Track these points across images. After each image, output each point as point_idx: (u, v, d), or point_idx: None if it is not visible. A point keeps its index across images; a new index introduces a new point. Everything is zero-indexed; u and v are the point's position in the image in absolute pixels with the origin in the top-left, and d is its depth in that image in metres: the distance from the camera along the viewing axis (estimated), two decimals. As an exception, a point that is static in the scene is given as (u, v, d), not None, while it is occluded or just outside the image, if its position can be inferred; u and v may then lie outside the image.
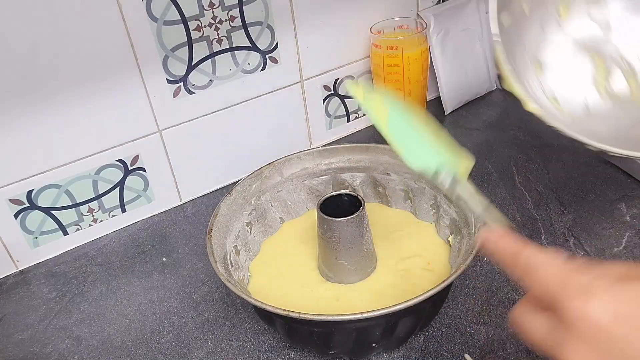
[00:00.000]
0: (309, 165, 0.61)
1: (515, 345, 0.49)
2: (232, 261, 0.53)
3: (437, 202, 0.57)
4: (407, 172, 0.58)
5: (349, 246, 0.50)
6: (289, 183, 0.61)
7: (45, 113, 0.60)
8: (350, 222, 0.49)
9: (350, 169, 0.61)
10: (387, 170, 0.59)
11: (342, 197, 0.52)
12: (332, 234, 0.50)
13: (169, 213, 0.73)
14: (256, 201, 0.58)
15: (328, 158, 0.61)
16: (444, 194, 0.55)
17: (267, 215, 0.60)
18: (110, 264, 0.66)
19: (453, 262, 0.52)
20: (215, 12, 0.64)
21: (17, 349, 0.56)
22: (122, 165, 0.67)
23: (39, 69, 0.58)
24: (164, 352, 0.54)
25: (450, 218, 0.55)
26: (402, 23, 0.75)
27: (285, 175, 0.60)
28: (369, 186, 0.61)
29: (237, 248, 0.55)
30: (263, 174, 0.59)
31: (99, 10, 0.58)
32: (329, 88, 0.78)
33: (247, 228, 0.58)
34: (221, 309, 0.58)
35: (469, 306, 0.54)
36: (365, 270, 0.53)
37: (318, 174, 0.61)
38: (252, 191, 0.58)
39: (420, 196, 0.58)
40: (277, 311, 0.43)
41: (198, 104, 0.69)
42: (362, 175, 0.61)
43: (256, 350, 0.53)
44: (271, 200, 0.60)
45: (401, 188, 0.60)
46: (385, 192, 0.61)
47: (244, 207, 0.57)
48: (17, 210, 0.63)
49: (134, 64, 0.62)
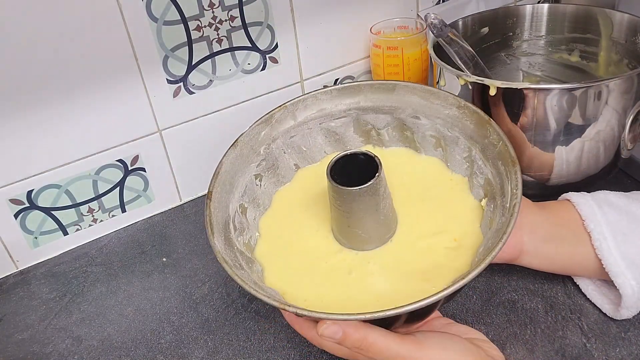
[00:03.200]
0: (326, 106, 0.54)
1: (515, 346, 0.49)
2: (237, 224, 0.48)
3: (471, 156, 0.50)
4: (439, 116, 0.52)
5: (362, 216, 0.44)
6: (304, 127, 0.53)
7: (45, 113, 0.60)
8: (364, 192, 0.43)
9: (374, 110, 0.54)
10: (417, 113, 0.52)
11: (358, 156, 0.45)
12: (343, 203, 0.44)
13: (169, 213, 0.73)
14: (265, 150, 0.52)
15: (349, 97, 0.54)
16: (480, 149, 0.49)
17: (279, 164, 0.53)
18: (110, 264, 0.66)
19: (484, 231, 0.46)
20: (215, 12, 0.64)
21: (17, 349, 0.56)
22: (122, 165, 0.67)
23: (39, 69, 0.58)
24: (164, 352, 0.54)
25: (485, 178, 0.48)
26: (402, 23, 0.75)
27: (300, 119, 0.53)
28: (396, 129, 0.54)
29: (244, 206, 0.50)
30: (273, 119, 0.52)
31: (99, 10, 0.58)
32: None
33: (255, 181, 0.51)
34: (221, 309, 0.58)
35: (469, 306, 0.54)
36: (382, 238, 0.47)
37: (337, 115, 0.54)
38: (261, 139, 0.52)
39: (453, 146, 0.51)
40: (274, 303, 0.39)
41: (198, 104, 0.68)
42: (387, 118, 0.53)
43: (256, 350, 0.53)
44: (283, 147, 0.53)
45: (432, 134, 0.52)
46: (413, 137, 0.54)
47: (251, 159, 0.51)
48: (17, 210, 0.63)
49: (134, 64, 0.62)
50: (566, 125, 0.53)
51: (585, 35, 0.66)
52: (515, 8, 0.69)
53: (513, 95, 0.53)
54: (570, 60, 0.69)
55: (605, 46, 0.65)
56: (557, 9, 0.68)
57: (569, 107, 0.52)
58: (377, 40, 0.73)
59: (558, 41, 0.69)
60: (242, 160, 0.51)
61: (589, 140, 0.54)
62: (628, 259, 0.47)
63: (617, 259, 0.47)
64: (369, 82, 0.54)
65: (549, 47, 0.70)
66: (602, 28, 0.65)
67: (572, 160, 0.55)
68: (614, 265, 0.47)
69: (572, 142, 0.54)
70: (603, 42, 0.65)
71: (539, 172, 0.56)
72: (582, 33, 0.67)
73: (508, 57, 0.72)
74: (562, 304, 0.52)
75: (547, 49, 0.70)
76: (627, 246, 0.47)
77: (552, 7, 0.68)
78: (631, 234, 0.48)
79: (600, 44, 0.65)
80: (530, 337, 0.50)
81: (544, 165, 0.56)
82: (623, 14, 0.62)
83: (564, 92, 0.52)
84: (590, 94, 0.52)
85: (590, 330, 0.50)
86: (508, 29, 0.70)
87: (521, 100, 0.53)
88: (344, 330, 0.39)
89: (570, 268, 0.52)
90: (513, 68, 0.72)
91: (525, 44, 0.71)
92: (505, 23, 0.69)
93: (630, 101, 0.53)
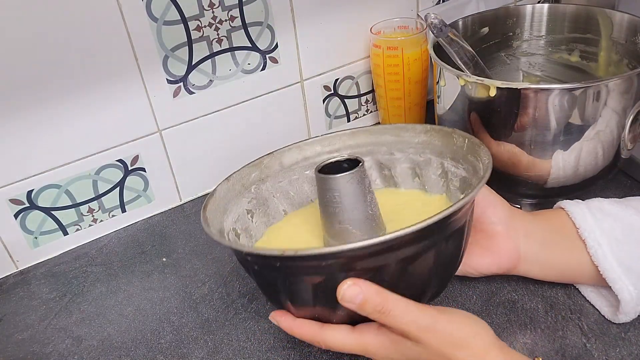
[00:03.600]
0: (309, 154, 0.58)
1: (515, 346, 0.49)
2: (231, 239, 0.51)
3: (444, 169, 0.54)
4: (411, 147, 0.56)
5: (352, 207, 0.47)
6: (290, 173, 0.58)
7: (45, 113, 0.60)
8: (351, 178, 0.46)
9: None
10: (391, 150, 0.57)
11: (342, 164, 0.49)
12: (332, 195, 0.47)
13: (169, 213, 0.73)
14: (256, 189, 0.56)
15: (329, 145, 0.58)
16: (451, 157, 0.53)
17: (269, 205, 0.57)
18: (110, 264, 0.66)
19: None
20: (215, 12, 0.64)
21: (17, 349, 0.56)
22: (122, 165, 0.67)
23: (39, 69, 0.58)
24: (164, 352, 0.54)
25: (459, 178, 0.52)
26: (402, 23, 0.75)
27: (286, 165, 0.58)
28: (375, 170, 0.59)
29: (237, 231, 0.53)
30: (262, 164, 0.57)
31: (99, 10, 0.58)
32: (329, 88, 0.78)
33: (247, 215, 0.55)
34: (221, 309, 0.58)
35: (469, 306, 0.54)
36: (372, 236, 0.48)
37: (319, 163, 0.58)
38: (252, 179, 0.56)
39: (427, 168, 0.56)
40: (273, 252, 0.39)
41: (198, 104, 0.68)
42: (366, 160, 0.56)
43: (256, 350, 0.53)
44: (272, 191, 0.57)
45: (407, 165, 0.57)
46: (392, 174, 0.58)
47: (243, 194, 0.55)
48: (17, 210, 0.63)
49: (134, 64, 0.62)
50: (566, 125, 0.53)
51: (585, 35, 0.66)
52: (515, 8, 0.69)
53: (513, 96, 0.53)
54: (570, 60, 0.69)
55: (605, 46, 0.65)
56: (557, 9, 0.68)
57: (569, 107, 0.52)
58: (377, 40, 0.73)
59: (558, 41, 0.69)
60: (234, 193, 0.54)
61: (589, 141, 0.54)
62: (624, 265, 0.47)
63: (613, 265, 0.47)
64: (346, 130, 0.58)
65: (549, 47, 0.70)
66: (602, 28, 0.64)
67: (571, 160, 0.55)
68: (610, 272, 0.47)
69: (572, 142, 0.54)
70: (603, 42, 0.65)
71: (539, 173, 0.56)
72: (582, 33, 0.67)
73: (508, 57, 0.72)
74: (562, 304, 0.52)
75: (547, 49, 0.70)
76: (623, 253, 0.47)
77: (552, 7, 0.68)
78: (625, 241, 0.48)
79: (600, 44, 0.65)
80: (530, 337, 0.50)
81: (544, 165, 0.56)
82: (623, 14, 0.62)
83: (564, 92, 0.52)
84: (590, 94, 0.51)
85: (590, 330, 0.50)
86: (508, 29, 0.70)
87: (521, 101, 0.53)
88: (364, 292, 0.39)
89: (569, 274, 0.52)
90: (513, 68, 0.72)
91: (525, 44, 0.71)
92: (505, 23, 0.69)
93: (630, 101, 0.53)
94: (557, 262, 0.51)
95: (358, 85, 0.80)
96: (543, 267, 0.52)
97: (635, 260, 0.47)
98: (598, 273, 0.48)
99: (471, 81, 0.55)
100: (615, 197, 0.64)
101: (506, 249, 0.50)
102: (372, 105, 0.83)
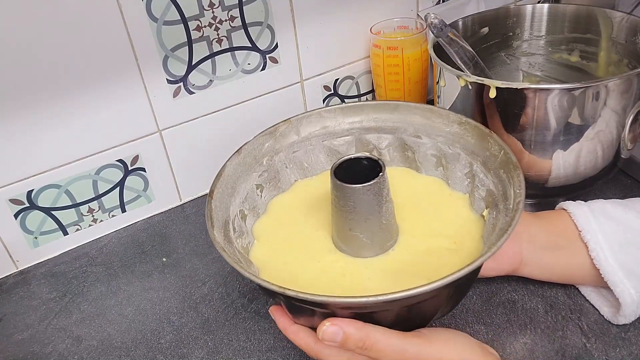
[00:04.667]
0: (329, 124, 0.55)
1: (515, 346, 0.49)
2: (236, 227, 0.48)
3: (472, 171, 0.50)
4: (441, 134, 0.52)
5: (365, 217, 0.44)
6: (307, 143, 0.54)
7: (45, 113, 0.60)
8: (368, 190, 0.43)
9: (376, 129, 0.54)
10: (418, 132, 0.53)
11: (361, 161, 0.45)
12: (346, 203, 0.44)
13: (169, 213, 0.73)
14: (268, 161, 0.53)
15: (352, 116, 0.55)
16: (481, 162, 0.49)
17: (281, 177, 0.54)
18: (110, 264, 0.66)
19: (487, 240, 0.46)
20: (215, 12, 0.64)
21: (17, 349, 0.56)
22: (122, 165, 0.67)
23: (40, 69, 0.58)
24: (164, 352, 0.54)
25: (486, 189, 0.49)
26: (402, 23, 0.75)
27: (303, 135, 0.54)
28: (397, 149, 0.55)
29: (244, 213, 0.50)
30: (277, 132, 0.53)
31: (99, 10, 0.58)
32: (329, 88, 0.78)
33: (256, 191, 0.52)
34: (221, 309, 0.58)
35: (469, 306, 0.54)
36: (383, 245, 0.47)
37: (340, 134, 0.55)
38: (265, 150, 0.53)
39: (454, 163, 0.52)
40: (272, 287, 0.38)
41: (198, 104, 0.68)
42: (389, 137, 0.54)
43: (256, 350, 0.53)
44: (285, 161, 0.54)
45: (433, 153, 0.53)
46: (414, 157, 0.54)
47: (254, 168, 0.52)
48: (17, 210, 0.63)
49: (134, 64, 0.62)
50: (566, 125, 0.53)
51: (585, 35, 0.66)
52: (515, 8, 0.69)
53: (513, 96, 0.53)
54: (570, 60, 0.69)
55: (605, 46, 0.65)
56: (557, 9, 0.68)
57: (569, 107, 0.52)
58: (377, 40, 0.72)
59: (558, 41, 0.69)
60: (244, 167, 0.51)
61: (589, 140, 0.54)
62: (626, 269, 0.47)
63: (615, 268, 0.47)
64: (372, 102, 0.55)
65: (549, 47, 0.70)
66: (602, 28, 0.64)
67: (571, 160, 0.55)
68: (612, 275, 0.47)
69: (572, 142, 0.54)
70: (603, 42, 0.65)
71: (539, 172, 0.56)
72: (582, 33, 0.67)
73: (508, 57, 0.72)
74: (562, 304, 0.52)
75: (547, 49, 0.70)
76: (625, 256, 0.47)
77: (552, 7, 0.68)
78: (627, 244, 0.48)
79: (600, 44, 0.65)
80: (530, 337, 0.50)
81: (544, 165, 0.56)
82: (623, 13, 0.62)
83: (564, 92, 0.51)
84: (590, 94, 0.51)
85: (590, 330, 0.50)
86: (508, 29, 0.70)
87: (521, 101, 0.53)
88: (344, 330, 0.39)
89: (570, 277, 0.52)
90: (513, 68, 0.72)
91: (525, 44, 0.71)
92: (505, 23, 0.69)
93: (630, 101, 0.53)
94: (558, 265, 0.51)
95: (358, 85, 0.80)
96: (544, 269, 0.52)
97: (637, 263, 0.47)
98: (599, 276, 0.48)
99: (471, 81, 0.55)
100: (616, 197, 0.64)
101: (509, 253, 0.50)
102: (372, 105, 0.83)
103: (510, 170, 0.46)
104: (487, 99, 0.54)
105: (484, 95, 0.55)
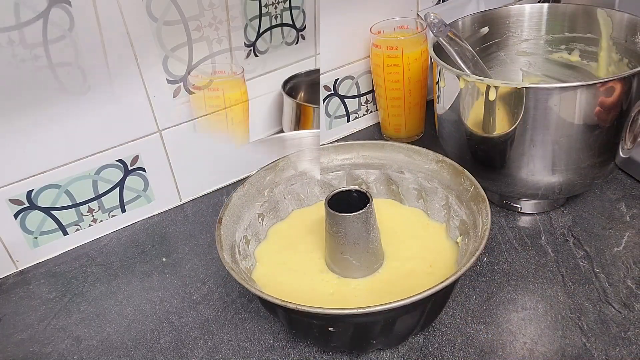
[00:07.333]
0: (323, 160, 0.61)
1: (515, 346, 0.49)
2: (241, 250, 0.54)
3: (448, 203, 0.56)
4: (421, 171, 0.59)
5: (355, 242, 0.51)
6: (303, 177, 0.61)
7: (45, 113, 0.60)
8: (357, 218, 0.49)
9: (364, 166, 0.61)
10: (401, 168, 0.60)
11: (351, 193, 0.52)
12: (339, 229, 0.50)
13: (169, 213, 0.73)
14: (269, 193, 0.59)
15: (343, 154, 0.62)
16: (456, 195, 0.55)
17: (280, 207, 0.60)
18: (110, 264, 0.66)
19: (459, 263, 0.52)
20: (215, 12, 0.64)
21: (17, 349, 0.56)
22: (122, 165, 0.67)
23: (39, 69, 0.58)
24: (163, 352, 0.54)
25: (460, 219, 0.55)
26: (402, 23, 0.75)
27: (300, 169, 0.61)
28: (383, 183, 0.62)
29: (247, 238, 0.56)
30: (277, 167, 0.60)
31: (99, 10, 0.58)
32: (329, 88, 0.78)
33: (258, 219, 0.58)
34: (221, 309, 0.58)
35: (469, 306, 0.54)
36: (370, 267, 0.53)
37: (332, 169, 0.62)
38: (266, 183, 0.59)
39: (432, 196, 0.58)
40: (276, 301, 0.43)
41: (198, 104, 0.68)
42: (376, 173, 0.61)
43: (256, 350, 0.53)
44: (284, 193, 0.60)
45: (414, 187, 0.60)
46: (398, 190, 0.61)
47: (256, 198, 0.58)
48: (17, 210, 0.63)
49: (134, 64, 0.62)
50: (566, 125, 0.53)
51: (585, 35, 0.66)
52: (515, 8, 0.69)
53: (513, 96, 0.53)
54: (570, 60, 0.69)
55: (605, 46, 0.65)
56: (557, 8, 0.68)
57: (569, 106, 0.52)
58: (377, 40, 0.73)
59: (558, 41, 0.69)
60: (248, 198, 0.58)
61: (589, 140, 0.54)
62: None
63: None
64: (361, 142, 0.62)
65: (549, 46, 0.70)
66: (602, 28, 0.64)
67: (571, 160, 0.55)
68: None
69: (572, 141, 0.54)
70: (603, 42, 0.65)
71: (539, 171, 0.56)
72: (582, 33, 0.67)
73: (508, 57, 0.72)
74: (562, 304, 0.52)
75: (547, 49, 0.70)
76: None
77: (552, 6, 0.68)
78: None
79: (600, 43, 0.65)
80: (530, 337, 0.50)
81: (544, 164, 0.56)
82: (623, 13, 0.62)
83: (564, 92, 0.52)
84: (590, 94, 0.51)
85: (590, 330, 0.50)
86: (508, 29, 0.70)
87: (521, 100, 0.53)
88: None
89: None
90: (513, 68, 0.72)
91: (525, 44, 0.71)
92: (505, 23, 0.69)
93: (629, 101, 0.53)
94: None
95: (358, 85, 0.80)
96: None
97: None
98: None
99: (471, 81, 0.55)
100: (615, 196, 0.64)
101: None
102: (372, 105, 0.83)
103: (479, 203, 0.51)
104: (487, 98, 0.54)
105: (484, 95, 0.55)
